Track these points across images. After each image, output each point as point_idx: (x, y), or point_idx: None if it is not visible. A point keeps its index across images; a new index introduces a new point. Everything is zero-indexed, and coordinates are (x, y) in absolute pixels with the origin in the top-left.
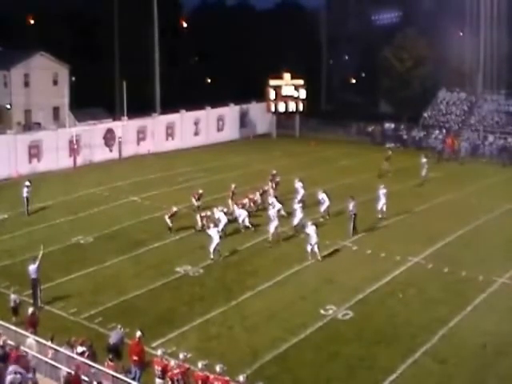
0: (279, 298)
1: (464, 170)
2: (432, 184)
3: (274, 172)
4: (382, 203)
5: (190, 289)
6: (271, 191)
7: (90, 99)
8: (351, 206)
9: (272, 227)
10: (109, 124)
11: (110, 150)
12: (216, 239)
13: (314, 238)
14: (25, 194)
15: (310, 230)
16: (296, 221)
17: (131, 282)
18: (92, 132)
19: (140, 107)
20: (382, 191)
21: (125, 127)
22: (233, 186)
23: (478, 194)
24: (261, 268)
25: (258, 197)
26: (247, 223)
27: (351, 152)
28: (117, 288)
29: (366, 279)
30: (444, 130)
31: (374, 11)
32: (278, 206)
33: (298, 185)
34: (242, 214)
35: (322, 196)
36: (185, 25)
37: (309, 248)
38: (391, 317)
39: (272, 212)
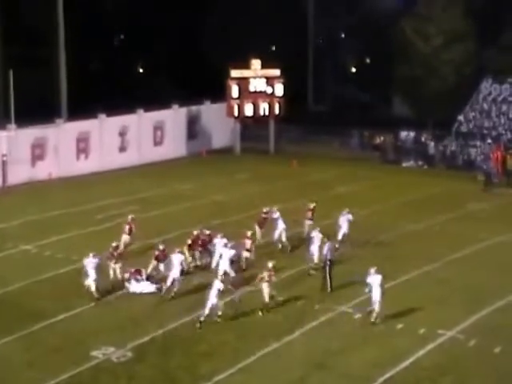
0: None
1: None
2: (473, 220)
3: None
4: (342, 232)
5: (113, 382)
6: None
7: None
8: (326, 249)
9: (210, 303)
10: None
11: None
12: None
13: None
14: None
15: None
16: None
17: (22, 376)
18: None
19: (37, 110)
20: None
21: (12, 140)
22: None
23: None
24: (220, 347)
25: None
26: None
27: (351, 174)
28: None
29: (375, 363)
30: (489, 141)
31: None
32: (229, 253)
33: (276, 215)
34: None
35: (314, 233)
36: None
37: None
38: None
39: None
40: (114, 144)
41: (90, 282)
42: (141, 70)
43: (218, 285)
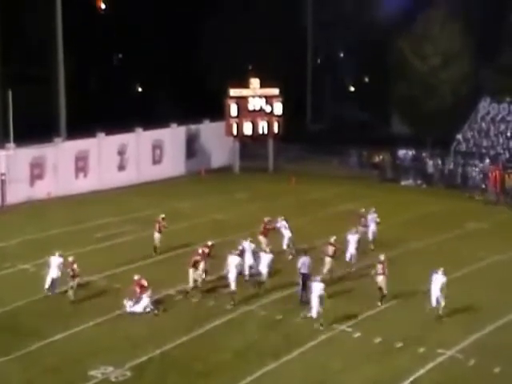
0: None
1: None
2: (472, 238)
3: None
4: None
5: None
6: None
7: None
8: (300, 263)
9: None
10: None
11: None
12: None
13: None
14: None
15: None
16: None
17: None
18: None
19: (36, 129)
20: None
21: (11, 159)
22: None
23: None
24: (217, 367)
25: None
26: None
27: (351, 192)
28: None
29: (375, 382)
30: (487, 160)
31: None
32: (267, 257)
33: (282, 224)
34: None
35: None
36: (103, 6)
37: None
38: None
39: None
40: (112, 163)
41: (49, 278)
42: (140, 89)
43: (318, 288)
